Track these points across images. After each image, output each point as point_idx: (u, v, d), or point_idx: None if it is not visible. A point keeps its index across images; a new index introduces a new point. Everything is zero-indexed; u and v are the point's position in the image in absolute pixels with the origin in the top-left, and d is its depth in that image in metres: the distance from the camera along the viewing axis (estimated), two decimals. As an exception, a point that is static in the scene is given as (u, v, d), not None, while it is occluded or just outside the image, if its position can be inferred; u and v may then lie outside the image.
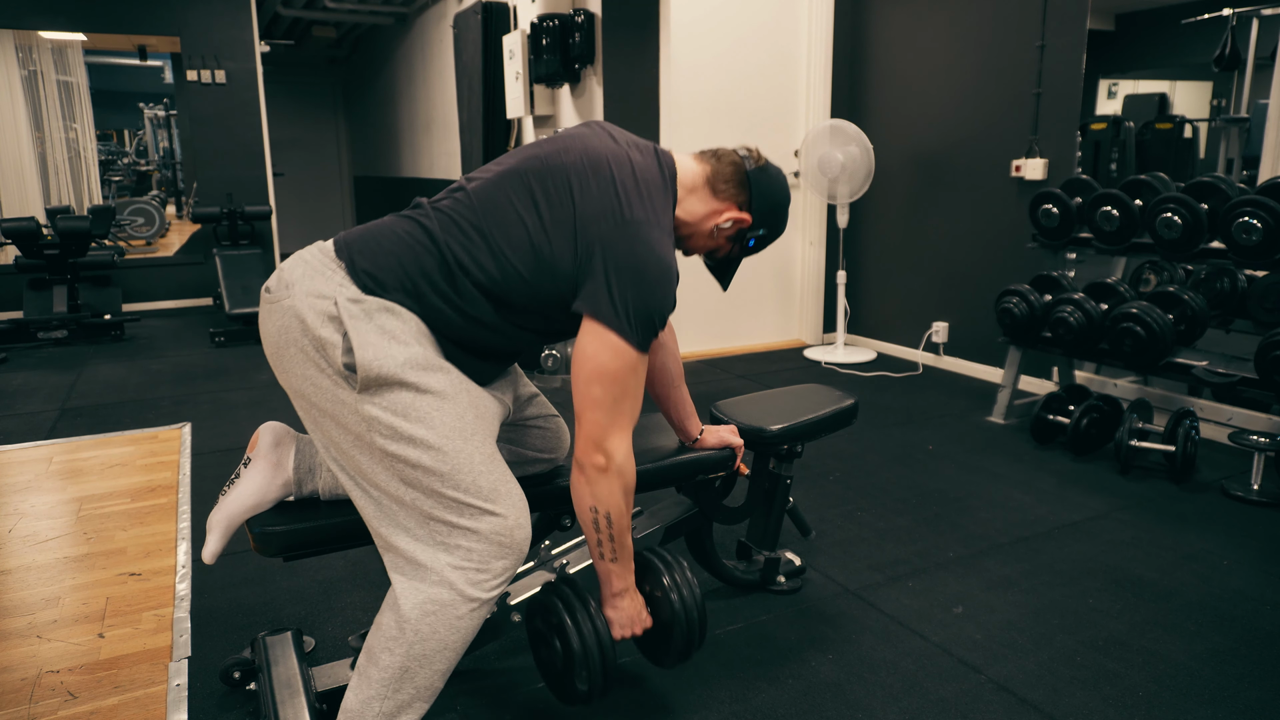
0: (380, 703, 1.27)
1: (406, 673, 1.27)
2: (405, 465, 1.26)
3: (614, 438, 1.35)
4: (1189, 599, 2.11)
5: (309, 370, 1.29)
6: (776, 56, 4.77)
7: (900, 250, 4.71)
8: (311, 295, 1.28)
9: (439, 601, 1.25)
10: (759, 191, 1.52)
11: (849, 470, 3.00)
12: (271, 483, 1.49)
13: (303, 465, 1.50)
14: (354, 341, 1.25)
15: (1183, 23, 3.78)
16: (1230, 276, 3.15)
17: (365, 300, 1.28)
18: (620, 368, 1.32)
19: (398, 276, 1.31)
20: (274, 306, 1.31)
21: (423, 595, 1.26)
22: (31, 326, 5.21)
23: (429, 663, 1.27)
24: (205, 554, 1.46)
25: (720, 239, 1.54)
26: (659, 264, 1.33)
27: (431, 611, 1.25)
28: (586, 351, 1.33)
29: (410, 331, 1.30)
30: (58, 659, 1.85)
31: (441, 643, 1.27)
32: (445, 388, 1.30)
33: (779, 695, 1.73)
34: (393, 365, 1.25)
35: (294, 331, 1.28)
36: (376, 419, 1.26)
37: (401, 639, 1.26)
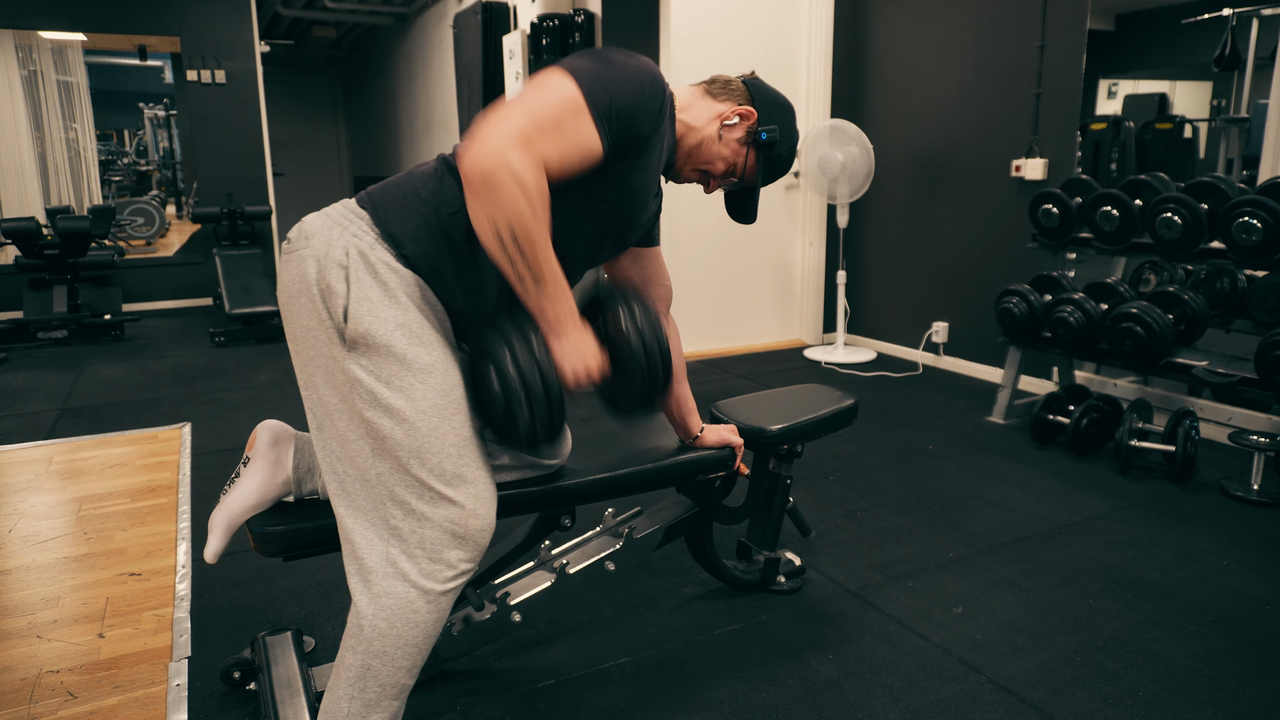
0: (348, 703, 1.26)
1: (369, 670, 1.26)
2: (377, 436, 1.24)
3: (516, 147, 1.18)
4: (1189, 599, 2.11)
5: (311, 321, 1.27)
6: (776, 56, 4.77)
7: (900, 250, 4.71)
8: (328, 244, 1.27)
9: (394, 595, 1.24)
10: (758, 92, 1.52)
11: (849, 470, 3.00)
12: (271, 482, 1.49)
13: (302, 464, 1.50)
14: (352, 294, 1.23)
15: (1183, 23, 3.78)
16: (1230, 276, 3.15)
17: (377, 251, 1.27)
18: (560, 87, 1.24)
19: (419, 213, 1.31)
20: (291, 256, 1.30)
21: (377, 589, 1.24)
22: (31, 326, 5.21)
23: (389, 659, 1.25)
24: (207, 553, 1.46)
25: (730, 145, 1.49)
26: (636, 63, 1.31)
27: (387, 606, 1.23)
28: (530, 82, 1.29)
29: (414, 297, 1.28)
30: (58, 659, 1.85)
31: (399, 638, 1.24)
32: (433, 362, 1.27)
33: (779, 695, 1.73)
34: (384, 326, 1.23)
35: (307, 279, 1.27)
36: (360, 381, 1.24)
37: (360, 636, 1.25)
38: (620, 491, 1.74)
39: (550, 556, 1.88)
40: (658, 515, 1.99)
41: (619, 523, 1.96)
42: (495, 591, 1.77)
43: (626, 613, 2.06)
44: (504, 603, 1.75)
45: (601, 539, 1.93)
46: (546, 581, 1.80)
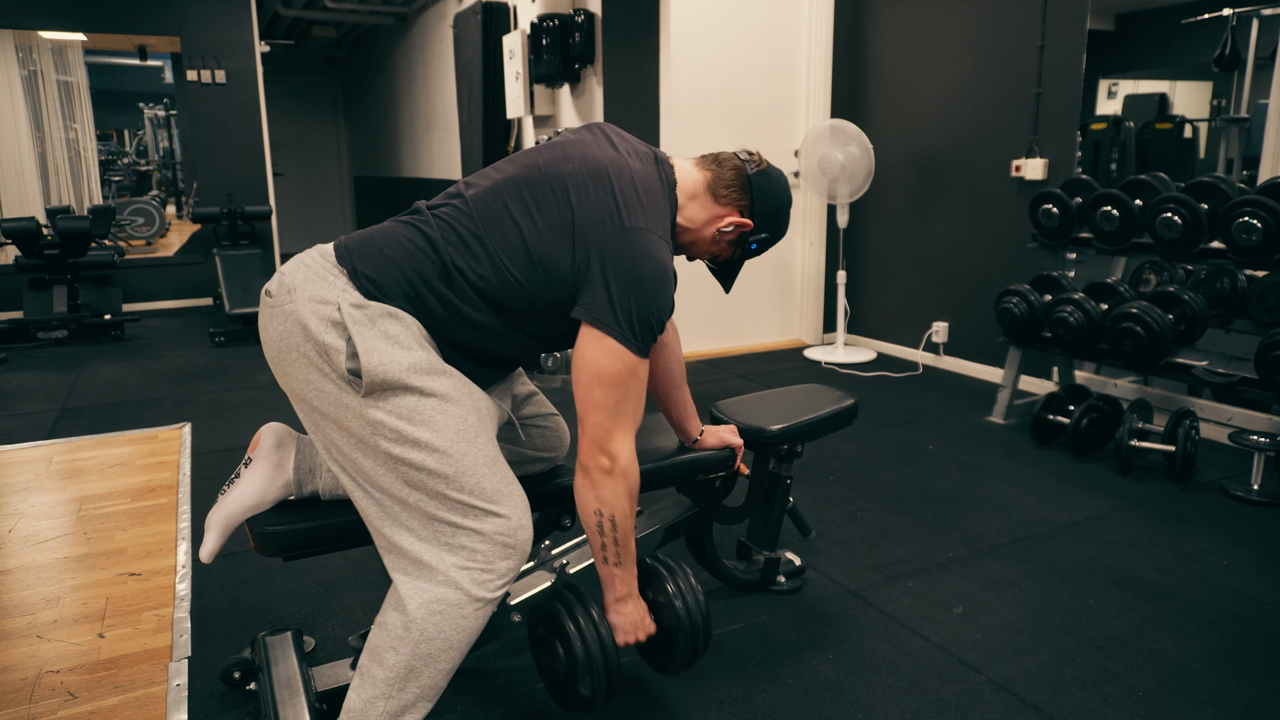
0: (385, 702, 1.28)
1: (412, 672, 1.27)
2: (410, 468, 1.27)
3: (617, 440, 1.35)
4: (1189, 599, 2.11)
5: (311, 375, 1.29)
6: (777, 56, 4.77)
7: (900, 250, 4.71)
8: (314, 301, 1.28)
9: (445, 601, 1.26)
10: (760, 195, 1.52)
11: (849, 470, 3.00)
12: (272, 483, 1.49)
13: (303, 466, 1.51)
14: (359, 347, 1.25)
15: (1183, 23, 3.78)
16: (1230, 276, 3.15)
17: (368, 306, 1.29)
18: (620, 371, 1.33)
19: (398, 282, 1.32)
20: (276, 311, 1.31)
21: (428, 595, 1.26)
22: (31, 326, 5.21)
23: (434, 662, 1.28)
24: (203, 553, 1.47)
25: (722, 244, 1.55)
26: (657, 268, 1.34)
27: (438, 611, 1.26)
28: (586, 356, 1.33)
29: (413, 336, 1.31)
30: (58, 659, 1.85)
31: (447, 642, 1.27)
32: (449, 391, 1.30)
33: (779, 695, 1.73)
34: (397, 370, 1.26)
35: (296, 336, 1.29)
36: (381, 423, 1.26)
37: (407, 638, 1.26)
38: (620, 491, 1.74)
39: (550, 556, 1.88)
40: (658, 515, 1.99)
41: (619, 523, 1.96)
42: (495, 591, 1.77)
43: (626, 613, 2.06)
44: (504, 603, 1.75)
45: (601, 539, 1.93)
46: (546, 581, 1.80)
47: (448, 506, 1.27)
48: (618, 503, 1.37)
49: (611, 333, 1.31)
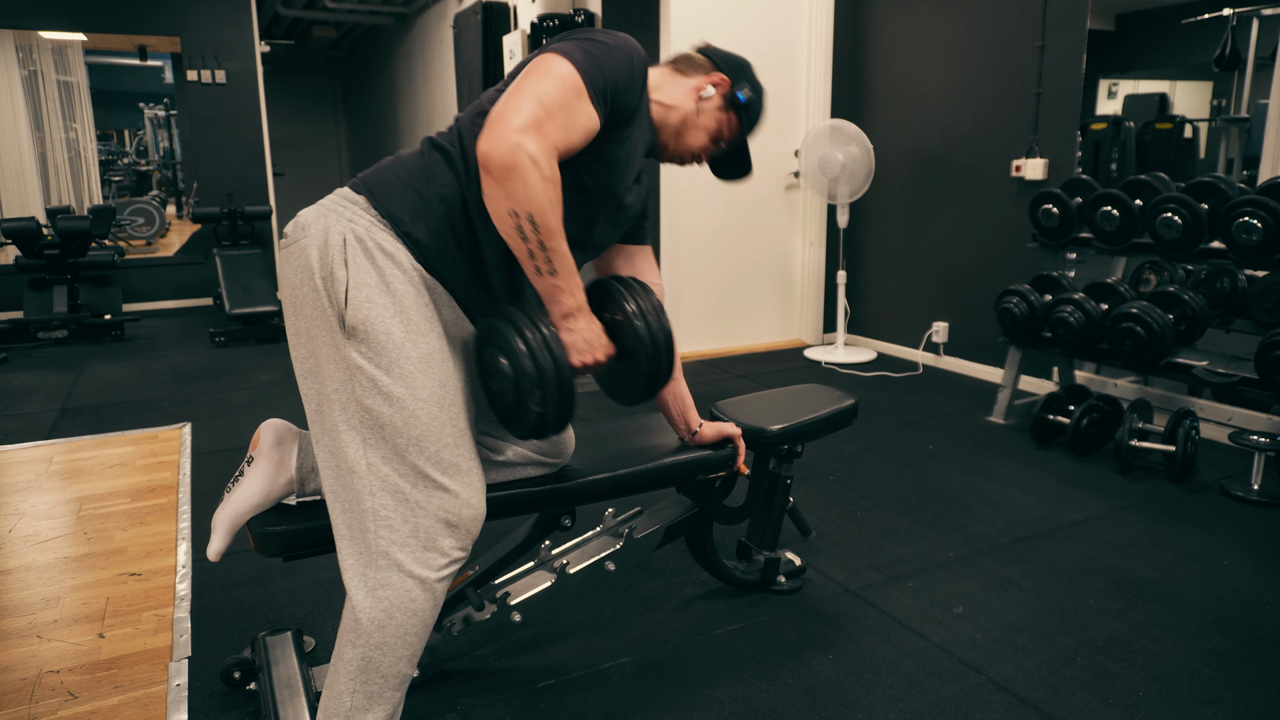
0: (350, 697, 1.28)
1: (370, 663, 1.27)
2: (375, 423, 1.25)
3: (531, 132, 1.20)
4: (1189, 599, 2.11)
5: (314, 311, 1.28)
6: (777, 56, 4.77)
7: (900, 250, 4.71)
8: (325, 231, 1.28)
9: (389, 586, 1.25)
10: (719, 57, 1.57)
11: (849, 470, 3.00)
12: (274, 481, 1.49)
13: (305, 464, 1.50)
14: (351, 280, 1.24)
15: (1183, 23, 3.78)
16: (1230, 276, 3.15)
17: (374, 233, 1.27)
18: (560, 73, 1.26)
19: (410, 186, 1.32)
20: (291, 249, 1.31)
21: (372, 581, 1.25)
22: (32, 326, 5.21)
23: (390, 650, 1.27)
24: (210, 551, 1.47)
25: (711, 114, 1.53)
26: (614, 35, 1.36)
27: (384, 598, 1.25)
28: (532, 63, 1.30)
29: (412, 282, 1.29)
30: (58, 659, 1.85)
31: (399, 628, 1.26)
32: (431, 351, 1.29)
33: (779, 695, 1.73)
34: (381, 314, 1.25)
35: (310, 269, 1.27)
36: (360, 369, 1.25)
37: (359, 630, 1.26)
38: (620, 491, 1.74)
39: (550, 556, 1.88)
40: (658, 515, 1.99)
41: (619, 523, 1.96)
42: (495, 591, 1.77)
43: (626, 613, 2.06)
44: (504, 603, 1.75)
45: (601, 539, 1.93)
46: (546, 581, 1.80)
47: (400, 472, 1.25)
48: (532, 197, 1.20)
49: (559, 51, 1.29)
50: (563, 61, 1.28)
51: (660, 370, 1.42)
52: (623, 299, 1.40)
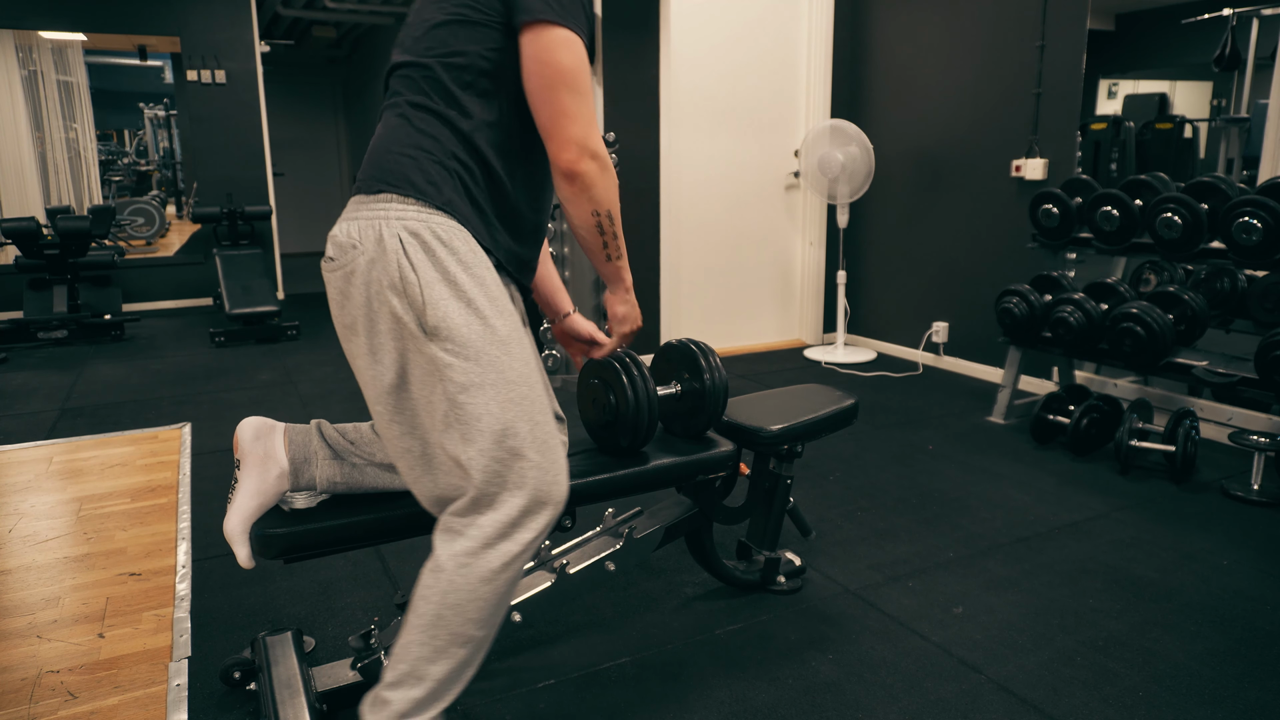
0: (418, 647, 1.31)
1: (440, 619, 1.29)
2: (470, 417, 1.27)
3: (593, 136, 1.31)
4: (1189, 599, 2.11)
5: (391, 324, 1.28)
6: (777, 56, 4.77)
7: (900, 250, 4.71)
8: (380, 240, 1.28)
9: (470, 553, 1.28)
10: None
11: (849, 470, 3.00)
12: (266, 475, 1.48)
13: (298, 454, 1.50)
14: (421, 280, 1.26)
15: (1183, 23, 3.78)
16: (1230, 276, 3.15)
17: (424, 221, 1.28)
18: (575, 62, 1.29)
19: (422, 156, 1.32)
20: (346, 270, 1.30)
21: (458, 547, 1.28)
22: (31, 326, 5.21)
23: (461, 610, 1.29)
24: (241, 560, 1.46)
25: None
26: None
27: (465, 564, 1.28)
28: (539, 58, 1.29)
29: (470, 265, 1.30)
30: (58, 659, 1.85)
31: (473, 593, 1.29)
32: (509, 333, 1.32)
33: (779, 695, 1.73)
34: (457, 307, 1.27)
35: (379, 283, 1.27)
36: (449, 365, 1.26)
37: (435, 587, 1.29)
38: (620, 492, 1.74)
39: (550, 556, 1.88)
40: (658, 515, 1.99)
41: (619, 523, 1.96)
42: (495, 591, 1.77)
43: (626, 613, 2.06)
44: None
45: (601, 539, 1.93)
46: (546, 581, 1.80)
47: (496, 456, 1.28)
48: (610, 196, 1.36)
49: (551, 17, 1.27)
50: (573, 37, 1.29)
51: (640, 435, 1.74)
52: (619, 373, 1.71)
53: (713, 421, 1.88)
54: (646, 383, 1.72)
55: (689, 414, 1.89)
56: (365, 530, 1.53)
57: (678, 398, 1.89)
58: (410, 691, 1.29)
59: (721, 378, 1.85)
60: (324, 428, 1.54)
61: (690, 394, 1.87)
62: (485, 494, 1.29)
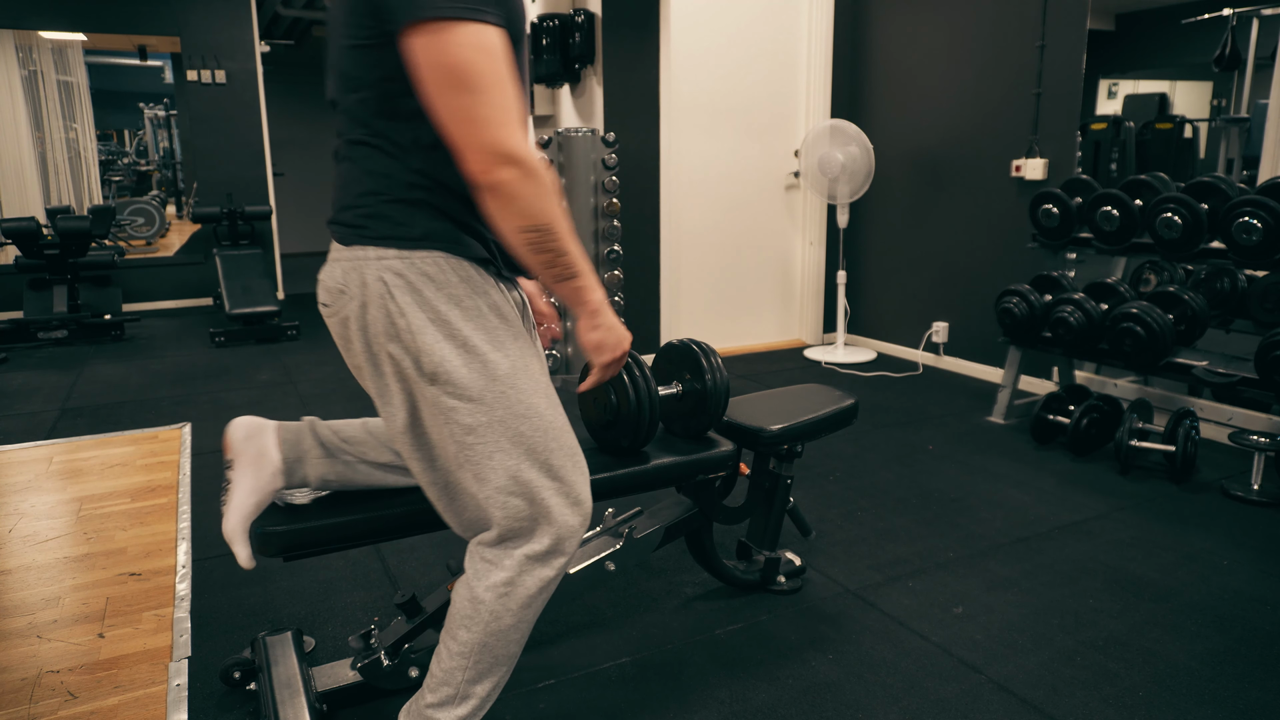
0: (463, 672, 1.32)
1: (485, 647, 1.31)
2: (484, 454, 1.26)
3: (507, 137, 1.10)
4: (1189, 599, 2.11)
5: (392, 367, 1.26)
6: (777, 56, 4.77)
7: (900, 250, 4.71)
8: (364, 287, 1.23)
9: (510, 583, 1.30)
10: None
11: (849, 470, 3.00)
12: (260, 474, 1.48)
13: (290, 452, 1.49)
14: (412, 325, 1.21)
15: (1183, 23, 3.78)
16: (1230, 276, 3.15)
17: (409, 264, 1.22)
18: (467, 53, 1.08)
19: (380, 194, 1.23)
20: (343, 316, 1.27)
21: (495, 578, 1.29)
22: (31, 326, 5.21)
23: (505, 636, 1.32)
24: (241, 561, 1.45)
25: None
26: None
27: (504, 594, 1.29)
28: (422, 63, 1.10)
29: (456, 298, 1.23)
30: (58, 659, 1.85)
31: (516, 618, 1.31)
32: (511, 366, 1.27)
33: (779, 695, 1.73)
34: (449, 352, 1.23)
35: (375, 328, 1.24)
36: (453, 409, 1.24)
37: (477, 618, 1.30)
38: (620, 491, 1.75)
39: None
40: (658, 515, 1.99)
41: (619, 523, 1.96)
42: (495, 591, 1.77)
43: (626, 613, 2.06)
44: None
45: (601, 539, 1.93)
46: (546, 581, 1.80)
47: (515, 490, 1.28)
48: (540, 207, 1.13)
49: (429, 13, 1.07)
50: (467, 32, 1.09)
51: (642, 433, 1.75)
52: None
53: (714, 422, 1.88)
54: (648, 383, 1.72)
55: (690, 414, 1.89)
56: (365, 528, 1.53)
57: (679, 398, 1.89)
58: (456, 710, 1.33)
59: (723, 378, 1.85)
60: (316, 426, 1.53)
61: (691, 394, 1.87)
62: (510, 529, 1.30)
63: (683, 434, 1.91)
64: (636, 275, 4.44)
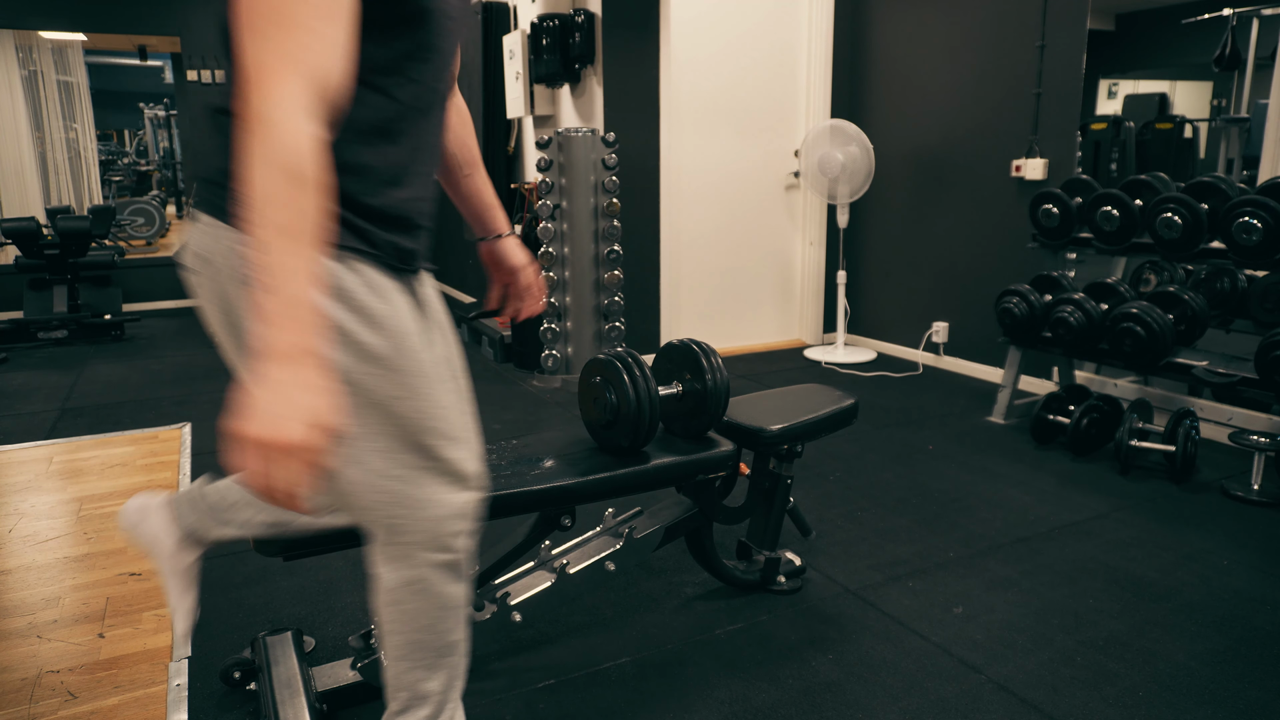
0: (409, 674, 1.28)
1: (418, 645, 1.27)
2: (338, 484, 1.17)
3: (270, 79, 0.90)
4: (1189, 599, 2.11)
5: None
6: (777, 56, 4.77)
7: (900, 250, 4.71)
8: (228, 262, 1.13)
9: (416, 580, 1.23)
10: None
11: (849, 470, 3.00)
12: (164, 559, 1.45)
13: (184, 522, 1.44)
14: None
15: (1183, 23, 3.78)
16: (1230, 276, 3.15)
17: None
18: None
19: None
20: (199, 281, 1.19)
21: (402, 577, 1.23)
22: (32, 326, 5.21)
23: (433, 628, 1.27)
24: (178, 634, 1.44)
25: None
26: None
27: (417, 591, 1.23)
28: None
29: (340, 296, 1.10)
30: (58, 659, 1.85)
31: (437, 611, 1.25)
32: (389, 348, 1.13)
33: (779, 695, 1.73)
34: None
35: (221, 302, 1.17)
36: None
37: (399, 619, 1.25)
38: (620, 491, 1.75)
39: (550, 556, 1.88)
40: (658, 515, 1.99)
41: (619, 523, 1.96)
42: (495, 591, 1.77)
43: (626, 613, 2.06)
44: (504, 603, 1.75)
45: (601, 539, 1.93)
46: (546, 581, 1.80)
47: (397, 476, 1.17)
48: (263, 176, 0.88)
49: None
50: None
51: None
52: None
53: (714, 422, 1.87)
54: (648, 382, 1.72)
55: (690, 414, 1.89)
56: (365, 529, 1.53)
57: (679, 398, 1.89)
58: (420, 712, 1.29)
59: (723, 378, 1.85)
60: (206, 491, 1.50)
61: (691, 394, 1.87)
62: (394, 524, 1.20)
63: (683, 434, 1.91)
64: (636, 275, 4.44)
